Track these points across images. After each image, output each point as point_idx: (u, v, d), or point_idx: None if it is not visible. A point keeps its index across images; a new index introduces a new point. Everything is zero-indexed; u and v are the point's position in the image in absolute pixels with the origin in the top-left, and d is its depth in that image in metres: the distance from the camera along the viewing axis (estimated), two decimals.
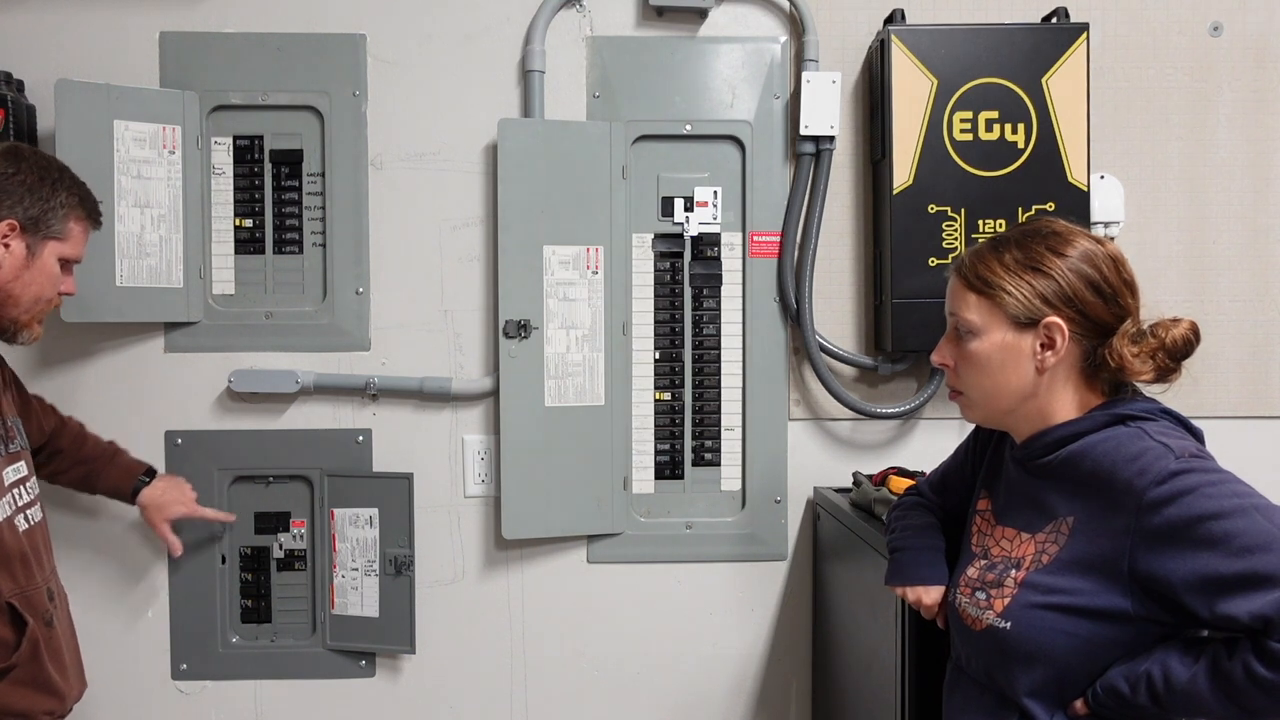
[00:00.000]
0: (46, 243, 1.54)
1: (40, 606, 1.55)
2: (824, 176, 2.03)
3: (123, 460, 1.88)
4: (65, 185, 1.56)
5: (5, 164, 1.51)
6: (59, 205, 1.54)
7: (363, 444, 2.06)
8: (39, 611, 1.55)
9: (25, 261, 1.52)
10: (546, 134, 2.01)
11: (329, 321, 2.05)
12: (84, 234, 1.62)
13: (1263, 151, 2.09)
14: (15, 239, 1.51)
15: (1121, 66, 2.08)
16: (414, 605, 2.04)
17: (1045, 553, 1.15)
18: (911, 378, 2.09)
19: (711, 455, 2.10)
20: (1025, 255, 1.18)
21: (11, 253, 1.51)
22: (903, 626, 1.49)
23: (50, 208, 1.53)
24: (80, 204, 1.59)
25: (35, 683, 1.53)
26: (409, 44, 2.05)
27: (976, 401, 1.24)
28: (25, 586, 1.53)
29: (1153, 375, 1.16)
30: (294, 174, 2.04)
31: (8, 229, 1.50)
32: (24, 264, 1.52)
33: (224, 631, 2.06)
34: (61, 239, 1.56)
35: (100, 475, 1.84)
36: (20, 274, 1.52)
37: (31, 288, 1.54)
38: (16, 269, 1.52)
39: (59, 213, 1.55)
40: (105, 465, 1.85)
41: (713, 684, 2.12)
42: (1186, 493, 1.05)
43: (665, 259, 2.08)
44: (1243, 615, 1.00)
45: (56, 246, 1.56)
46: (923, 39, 1.93)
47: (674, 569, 2.11)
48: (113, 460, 1.86)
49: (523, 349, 2.01)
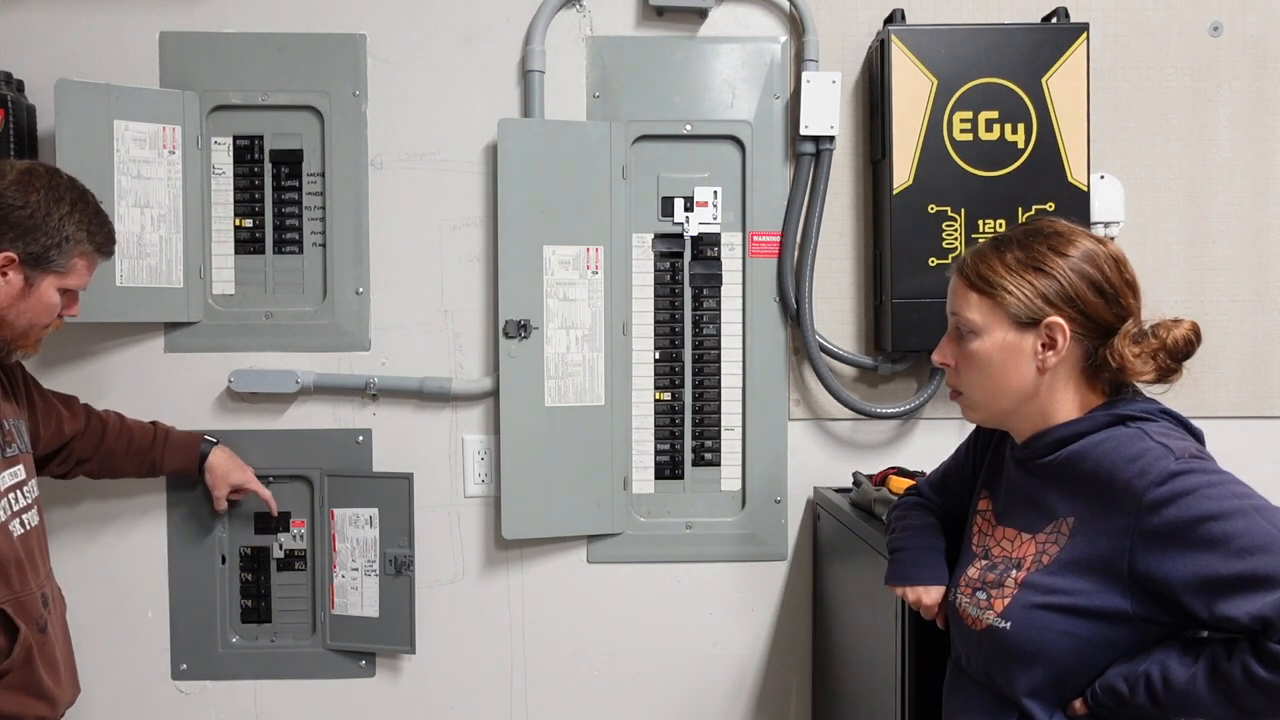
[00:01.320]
0: (46, 275, 1.52)
1: (34, 612, 1.54)
2: (824, 176, 2.03)
3: (176, 437, 1.92)
4: (75, 219, 1.52)
5: (15, 193, 1.47)
6: (65, 241, 1.51)
7: (363, 444, 2.06)
8: (33, 617, 1.54)
9: (22, 292, 1.51)
10: (546, 134, 2.01)
11: (329, 321, 2.04)
12: (89, 267, 1.59)
13: (1263, 151, 2.09)
14: (14, 271, 1.49)
15: (1121, 66, 2.08)
16: (414, 605, 2.04)
17: (1046, 553, 1.16)
18: (911, 378, 2.09)
19: (711, 455, 2.10)
20: (1027, 255, 1.18)
21: (9, 282, 1.49)
22: (903, 626, 1.49)
23: (55, 244, 1.50)
24: (89, 239, 1.55)
25: (27, 687, 1.52)
26: (409, 44, 2.05)
27: (977, 401, 1.24)
28: (19, 592, 1.52)
29: (1154, 376, 1.16)
30: (294, 174, 2.04)
31: (5, 261, 1.47)
32: (20, 295, 1.50)
33: (224, 631, 2.06)
34: (63, 273, 1.53)
35: (163, 458, 1.89)
36: (15, 304, 1.51)
37: (25, 316, 1.53)
38: (11, 299, 1.50)
39: (64, 249, 1.51)
40: (164, 448, 1.89)
41: (713, 684, 2.13)
42: (1186, 493, 1.05)
43: (665, 259, 2.08)
44: (1242, 616, 1.00)
45: (57, 279, 1.53)
46: (923, 39, 1.93)
47: (674, 569, 2.11)
48: (168, 441, 1.90)
49: (523, 349, 2.01)
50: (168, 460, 1.89)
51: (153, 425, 1.92)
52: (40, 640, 1.55)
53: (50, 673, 1.56)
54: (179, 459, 1.90)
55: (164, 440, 1.90)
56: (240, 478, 1.95)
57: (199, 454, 1.91)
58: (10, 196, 1.47)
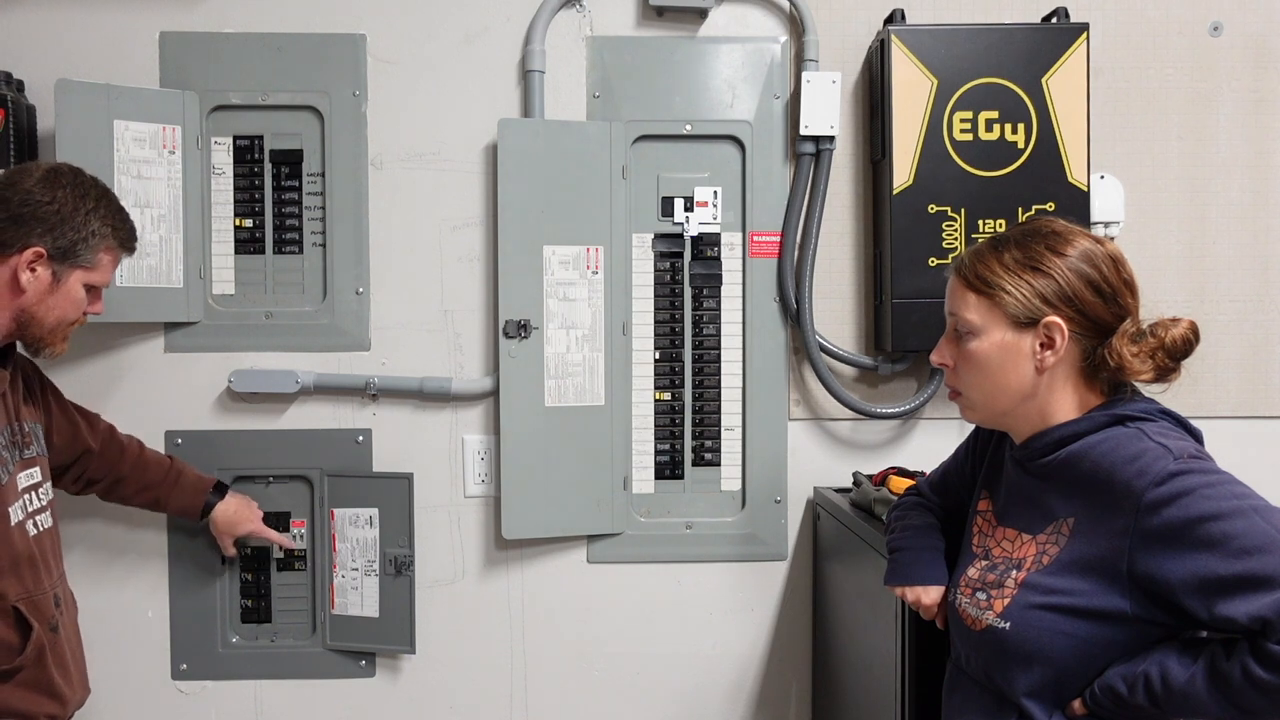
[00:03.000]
0: (74, 270, 1.56)
1: (47, 612, 1.56)
2: (824, 176, 2.03)
3: (188, 480, 1.88)
4: (100, 214, 1.56)
5: (42, 190, 1.51)
6: (90, 235, 1.55)
7: (363, 444, 2.06)
8: (45, 617, 1.56)
9: (50, 288, 1.54)
10: (546, 134, 2.01)
11: (329, 321, 2.05)
12: (114, 263, 1.63)
13: (1263, 151, 2.09)
14: (42, 266, 1.52)
15: (1121, 66, 2.08)
16: (414, 605, 2.04)
17: (1046, 553, 1.16)
18: (911, 378, 2.09)
19: (711, 455, 2.10)
20: (1025, 255, 1.18)
21: (38, 278, 1.52)
22: (903, 626, 1.49)
23: (81, 238, 1.54)
24: (113, 234, 1.59)
25: (39, 686, 1.54)
26: (409, 44, 2.05)
27: (976, 402, 1.24)
28: (33, 591, 1.54)
29: (1152, 375, 1.16)
30: (294, 174, 2.04)
31: (34, 256, 1.51)
32: (49, 290, 1.54)
33: (224, 631, 2.06)
34: (90, 268, 1.57)
35: (168, 499, 1.86)
36: (44, 299, 1.54)
37: (55, 311, 1.56)
38: (41, 294, 1.53)
39: (90, 243, 1.55)
40: (171, 488, 1.86)
41: (713, 684, 2.12)
42: (1185, 494, 1.05)
43: (665, 259, 2.08)
44: (1241, 617, 1.00)
45: (84, 274, 1.57)
46: (923, 39, 1.93)
47: (674, 569, 2.11)
48: (178, 482, 1.87)
49: (523, 349, 2.01)
50: (173, 501, 1.87)
51: (169, 460, 1.90)
52: (52, 640, 1.57)
53: (61, 672, 1.58)
54: (182, 501, 1.87)
55: (174, 480, 1.87)
56: (247, 529, 1.93)
57: (203, 504, 1.88)
58: (38, 193, 1.51)
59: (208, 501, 1.88)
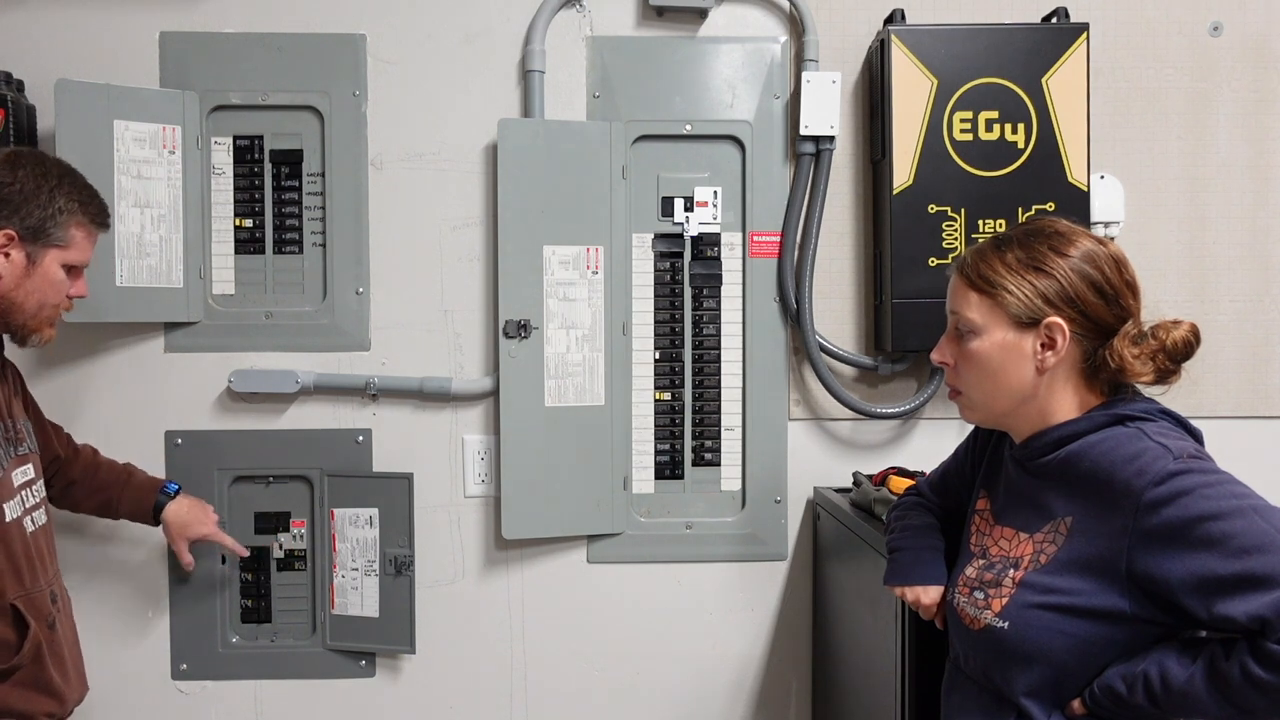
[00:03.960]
0: (48, 250, 1.53)
1: (43, 609, 1.56)
2: (824, 176, 2.03)
3: (138, 480, 1.85)
4: (65, 190, 1.54)
5: (3, 172, 1.49)
6: (58, 212, 1.52)
7: (363, 444, 2.06)
8: (42, 614, 1.55)
9: (26, 270, 1.51)
10: (546, 134, 2.01)
11: (329, 321, 2.05)
12: (89, 239, 1.59)
13: (1263, 151, 2.09)
14: (15, 248, 1.50)
15: (1121, 66, 2.08)
16: (414, 605, 2.04)
17: (1043, 553, 1.16)
18: (911, 378, 2.09)
19: (711, 455, 2.10)
20: (1027, 254, 1.18)
21: (11, 262, 1.50)
22: (903, 626, 1.49)
23: (49, 215, 1.51)
24: (82, 209, 1.56)
25: (37, 684, 1.53)
26: (409, 44, 2.05)
27: (976, 401, 1.24)
28: (30, 589, 1.54)
29: (1153, 377, 1.16)
30: (294, 174, 2.04)
31: (5, 239, 1.49)
32: (25, 273, 1.51)
33: (224, 631, 2.06)
34: (64, 246, 1.54)
35: (120, 500, 1.82)
36: (21, 283, 1.52)
37: (34, 295, 1.53)
38: (18, 278, 1.51)
39: (59, 219, 1.52)
40: (122, 489, 1.83)
41: (713, 684, 2.13)
42: (1184, 493, 1.05)
43: (665, 259, 2.08)
44: (1240, 616, 1.00)
45: (59, 254, 1.54)
46: (923, 39, 1.93)
47: (674, 569, 2.11)
48: (129, 483, 1.84)
49: (523, 349, 2.01)
50: (124, 502, 1.82)
51: (125, 467, 1.87)
52: (50, 637, 1.56)
53: (59, 670, 1.57)
54: (132, 504, 1.82)
55: (125, 481, 1.83)
56: (200, 531, 1.86)
57: (153, 504, 1.83)
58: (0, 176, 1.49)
59: (158, 501, 1.83)
